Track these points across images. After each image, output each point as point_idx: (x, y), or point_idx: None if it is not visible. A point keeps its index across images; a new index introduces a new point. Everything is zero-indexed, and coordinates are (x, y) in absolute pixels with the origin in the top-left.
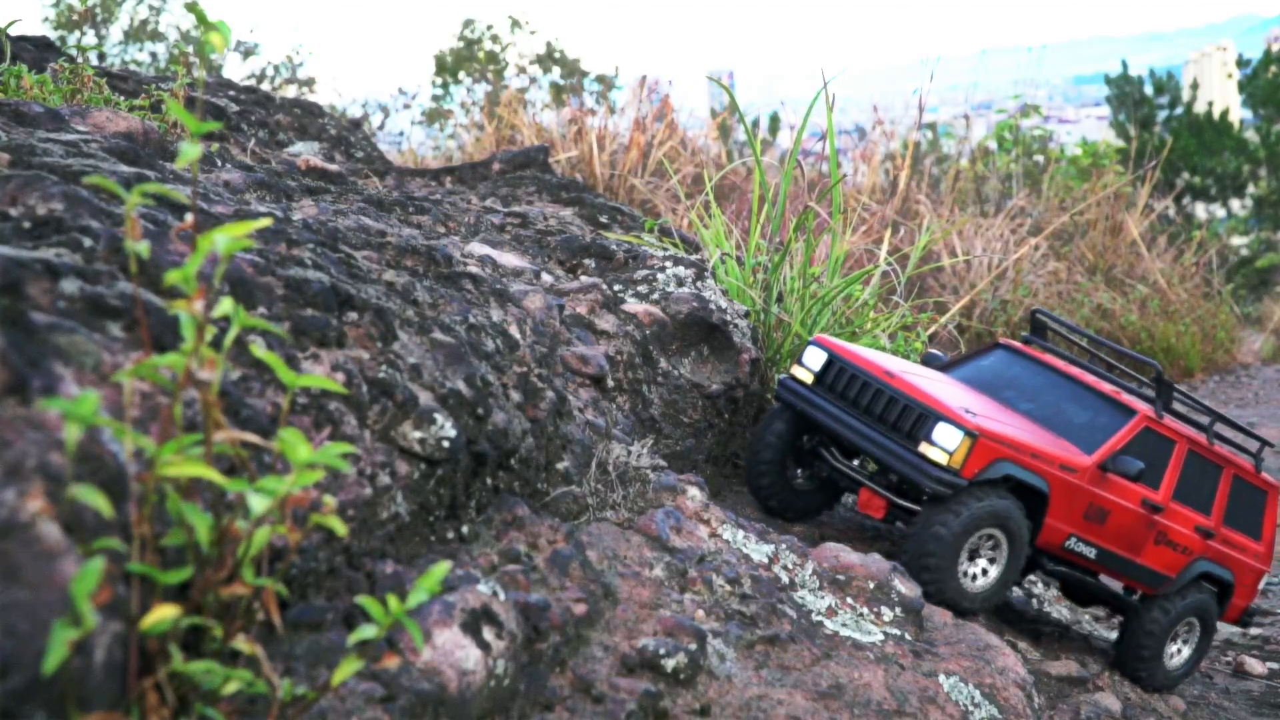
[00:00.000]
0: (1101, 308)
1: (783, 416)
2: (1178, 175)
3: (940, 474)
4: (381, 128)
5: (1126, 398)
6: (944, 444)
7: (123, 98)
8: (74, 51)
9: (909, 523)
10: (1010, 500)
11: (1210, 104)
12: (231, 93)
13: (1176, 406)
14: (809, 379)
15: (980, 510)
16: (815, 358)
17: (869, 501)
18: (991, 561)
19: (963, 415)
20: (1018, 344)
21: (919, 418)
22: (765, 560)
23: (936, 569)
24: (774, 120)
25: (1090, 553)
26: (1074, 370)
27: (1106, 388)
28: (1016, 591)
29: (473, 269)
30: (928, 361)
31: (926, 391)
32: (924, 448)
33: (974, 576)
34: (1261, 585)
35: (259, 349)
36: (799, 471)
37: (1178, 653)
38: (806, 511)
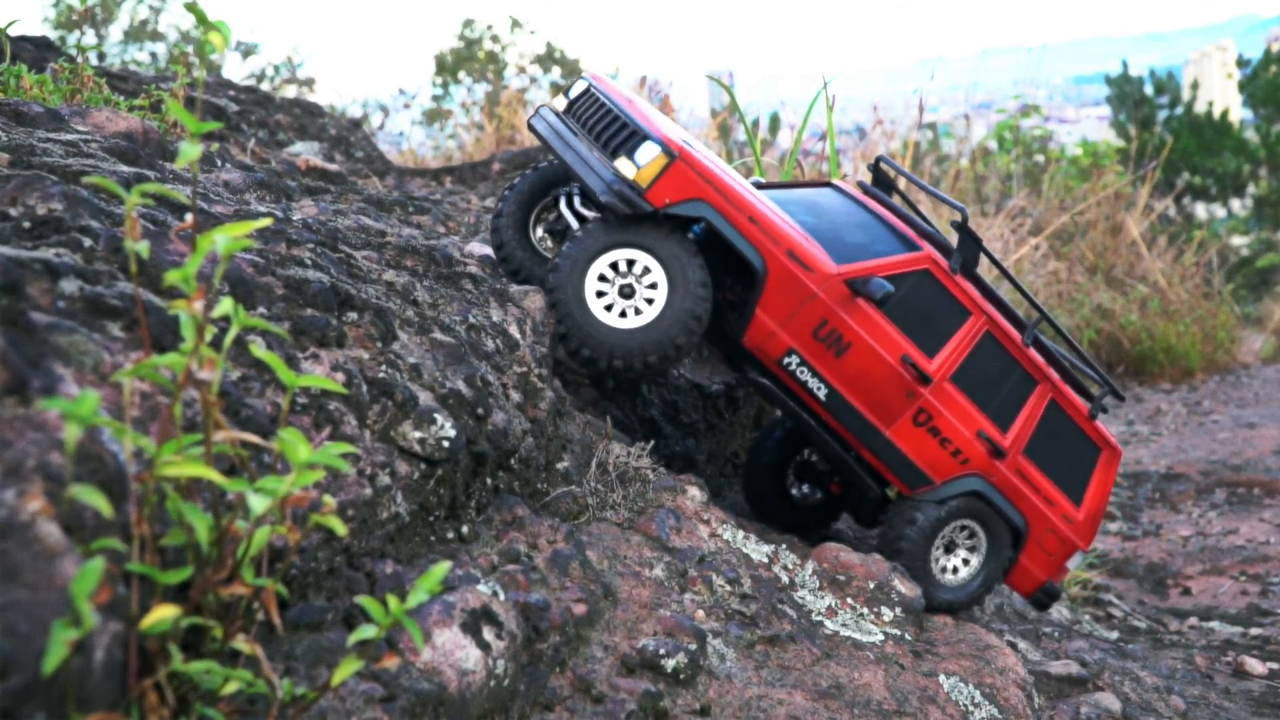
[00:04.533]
0: (1101, 308)
1: (546, 158)
2: (1178, 175)
3: (620, 186)
4: (381, 128)
5: (922, 240)
6: (639, 160)
7: (123, 98)
8: (74, 51)
9: None
10: (679, 240)
11: (1210, 104)
12: (231, 93)
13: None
14: (563, 107)
15: (626, 234)
16: (577, 87)
17: None
18: (653, 288)
19: (671, 138)
20: (849, 187)
21: (630, 135)
22: (765, 560)
23: (562, 293)
24: (774, 120)
25: (819, 389)
26: (886, 213)
27: (908, 230)
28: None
29: (473, 269)
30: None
31: (654, 120)
32: (619, 161)
33: (624, 313)
34: (1072, 564)
35: (259, 349)
36: (542, 232)
37: (963, 564)
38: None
